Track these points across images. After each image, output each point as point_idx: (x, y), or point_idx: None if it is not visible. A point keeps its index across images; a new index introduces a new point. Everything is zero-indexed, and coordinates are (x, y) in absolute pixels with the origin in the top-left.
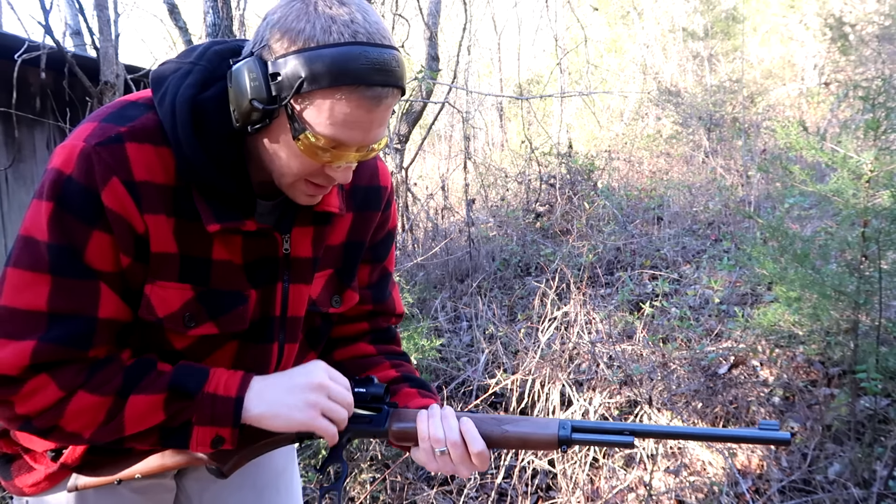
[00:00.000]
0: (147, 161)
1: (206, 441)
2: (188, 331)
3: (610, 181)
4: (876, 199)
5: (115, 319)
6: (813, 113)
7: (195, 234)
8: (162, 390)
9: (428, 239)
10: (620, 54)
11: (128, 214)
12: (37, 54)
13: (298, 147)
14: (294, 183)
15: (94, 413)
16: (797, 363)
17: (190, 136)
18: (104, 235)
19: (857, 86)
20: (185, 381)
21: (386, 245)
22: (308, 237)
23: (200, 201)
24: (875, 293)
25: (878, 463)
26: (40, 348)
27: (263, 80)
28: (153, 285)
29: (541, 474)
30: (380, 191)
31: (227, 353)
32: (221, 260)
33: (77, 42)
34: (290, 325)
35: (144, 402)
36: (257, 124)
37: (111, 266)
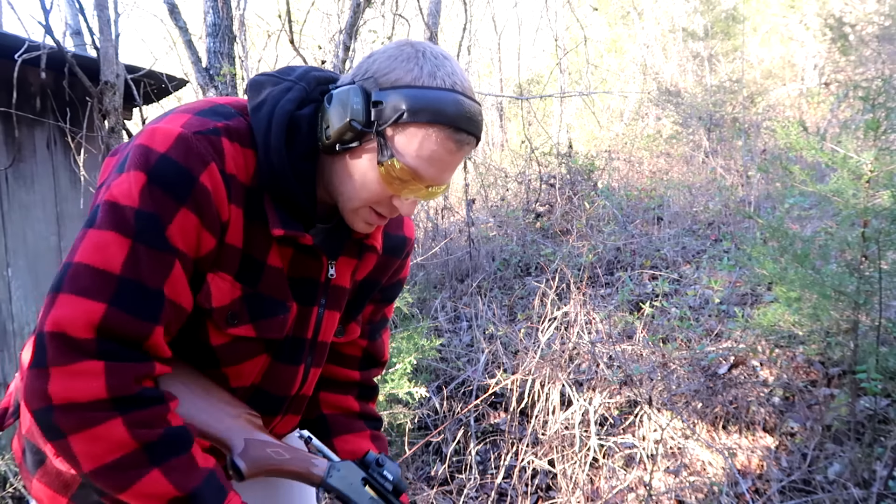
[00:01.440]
0: (238, 159)
1: None
2: (228, 328)
3: (610, 181)
4: (876, 200)
5: (177, 302)
6: (813, 113)
7: (258, 236)
8: (184, 489)
9: (428, 239)
10: (620, 54)
11: (219, 200)
12: (37, 54)
13: (380, 172)
14: (359, 209)
15: (113, 450)
16: (797, 363)
17: (281, 146)
18: (191, 215)
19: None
20: (207, 495)
21: (394, 291)
22: (350, 268)
23: (270, 206)
24: (875, 293)
25: (878, 463)
26: (111, 313)
27: (364, 105)
28: (215, 274)
29: (541, 474)
30: (405, 241)
31: (257, 367)
32: (274, 267)
33: (77, 42)
34: (318, 350)
35: (160, 487)
36: (347, 143)
37: (189, 248)
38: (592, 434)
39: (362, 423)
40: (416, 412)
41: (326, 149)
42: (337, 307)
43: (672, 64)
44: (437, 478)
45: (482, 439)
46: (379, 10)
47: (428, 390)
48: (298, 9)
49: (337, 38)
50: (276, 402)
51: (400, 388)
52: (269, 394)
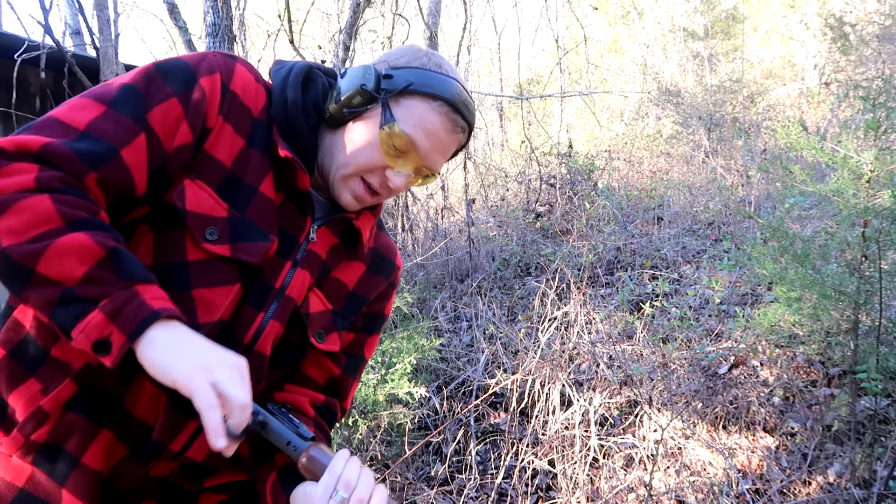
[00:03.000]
0: (246, 83)
1: (92, 335)
2: (204, 242)
3: (610, 181)
4: (876, 199)
5: (128, 168)
6: (813, 113)
7: (255, 164)
8: (105, 247)
9: (428, 239)
10: (620, 54)
11: (210, 105)
12: (36, 54)
13: (380, 136)
14: (349, 177)
15: (36, 222)
16: (797, 363)
17: (297, 83)
18: (179, 106)
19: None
20: (130, 260)
21: (376, 322)
22: (329, 243)
23: (279, 137)
24: (875, 293)
25: (879, 463)
26: (55, 146)
27: (376, 76)
28: (193, 180)
29: (541, 474)
30: (392, 266)
31: (228, 298)
32: (266, 195)
33: (77, 42)
34: (283, 303)
35: (81, 242)
36: (354, 108)
37: (164, 134)
38: (592, 434)
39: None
40: (416, 412)
41: (333, 115)
42: (309, 269)
43: (672, 64)
44: (437, 478)
45: (482, 439)
46: (379, 9)
47: (428, 390)
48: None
49: (337, 38)
50: (232, 345)
51: (400, 388)
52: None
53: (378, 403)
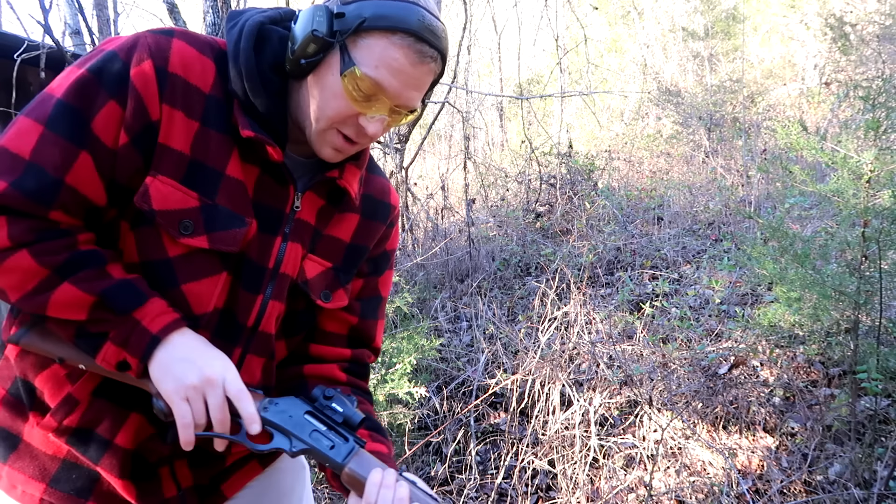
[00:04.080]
0: (187, 60)
1: (112, 361)
2: (181, 237)
3: (610, 181)
4: (876, 199)
5: (79, 191)
6: (813, 113)
7: (216, 145)
8: (93, 292)
9: (428, 239)
10: (621, 54)
11: (147, 96)
12: (36, 54)
13: (343, 85)
14: (325, 131)
15: (27, 278)
16: (797, 363)
17: (249, 49)
18: (117, 108)
19: (858, 86)
20: (119, 295)
21: (382, 262)
22: (316, 206)
23: (240, 113)
24: (875, 293)
25: (879, 463)
26: (9, 192)
27: (327, 17)
28: (154, 178)
29: (541, 474)
30: (388, 207)
31: (217, 286)
32: (234, 178)
33: (76, 41)
34: (279, 282)
35: (72, 295)
36: (311, 58)
37: (111, 140)
38: (592, 434)
39: (348, 389)
40: (416, 412)
41: (293, 68)
42: (300, 241)
43: (672, 64)
44: (437, 478)
45: (482, 439)
46: None
47: (428, 390)
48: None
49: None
50: (236, 329)
51: (400, 388)
52: (232, 319)
53: (378, 403)
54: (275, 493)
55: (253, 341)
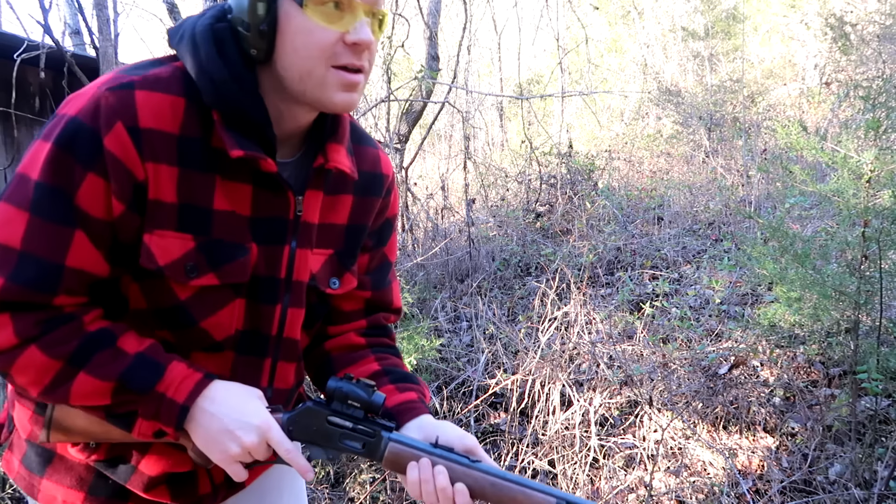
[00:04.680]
0: (156, 109)
1: (148, 433)
2: (189, 280)
3: (610, 181)
4: (876, 199)
5: (83, 270)
6: (813, 113)
7: (197, 183)
8: (111, 378)
9: (428, 239)
10: (621, 54)
11: (129, 160)
12: (36, 54)
13: (309, 16)
14: (324, 77)
15: (42, 373)
16: (798, 363)
17: (214, 56)
18: (99, 180)
19: (858, 85)
20: (137, 375)
21: (385, 231)
22: (318, 202)
23: (224, 130)
24: (876, 293)
25: (879, 463)
26: (8, 287)
27: None
28: (151, 234)
29: (541, 474)
30: (381, 178)
31: (234, 312)
32: (223, 210)
33: (76, 41)
34: (294, 289)
35: (91, 385)
36: (267, 17)
37: (101, 212)
38: (593, 434)
39: (366, 350)
40: None
41: (257, 46)
42: (308, 244)
43: (672, 63)
44: None
45: (482, 439)
46: None
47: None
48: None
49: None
50: (262, 341)
51: None
52: (256, 333)
53: None
54: (278, 475)
55: (281, 349)
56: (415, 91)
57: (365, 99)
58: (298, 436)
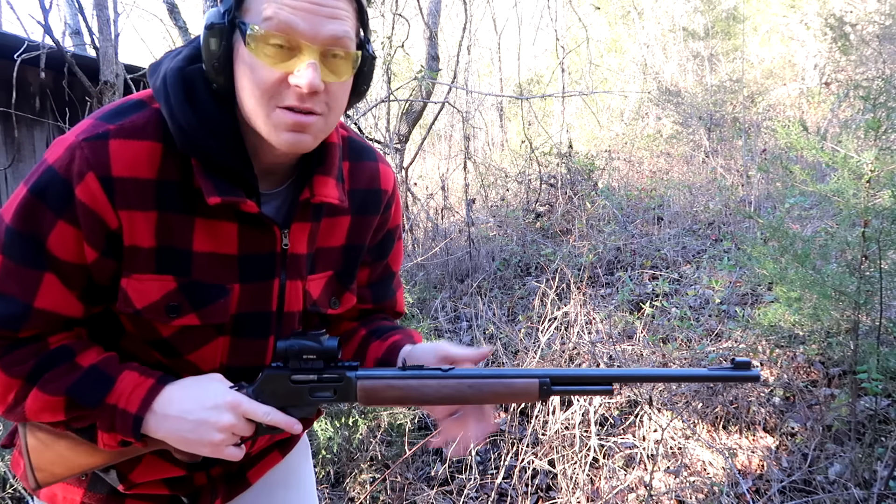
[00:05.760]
0: (130, 157)
1: (112, 444)
2: (171, 321)
3: (610, 181)
4: (876, 199)
5: (50, 311)
6: (813, 113)
7: (177, 226)
8: (59, 393)
9: (428, 239)
10: (621, 54)
11: (100, 210)
12: (36, 54)
13: (254, 54)
14: (269, 116)
15: (4, 392)
16: (797, 363)
17: (182, 103)
18: (69, 227)
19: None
20: (85, 388)
21: (386, 244)
22: (305, 233)
23: (202, 176)
24: (875, 293)
25: (879, 463)
26: None
27: (215, 9)
28: (129, 279)
29: (541, 474)
30: (378, 194)
31: (218, 349)
32: (203, 252)
33: (76, 42)
34: (286, 321)
35: (42, 401)
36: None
37: (73, 257)
38: (593, 434)
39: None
40: (416, 412)
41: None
42: (298, 276)
43: (672, 63)
44: (437, 478)
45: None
46: (379, 9)
47: None
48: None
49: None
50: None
51: None
52: (242, 368)
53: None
54: (284, 470)
55: None
56: (415, 91)
57: (365, 99)
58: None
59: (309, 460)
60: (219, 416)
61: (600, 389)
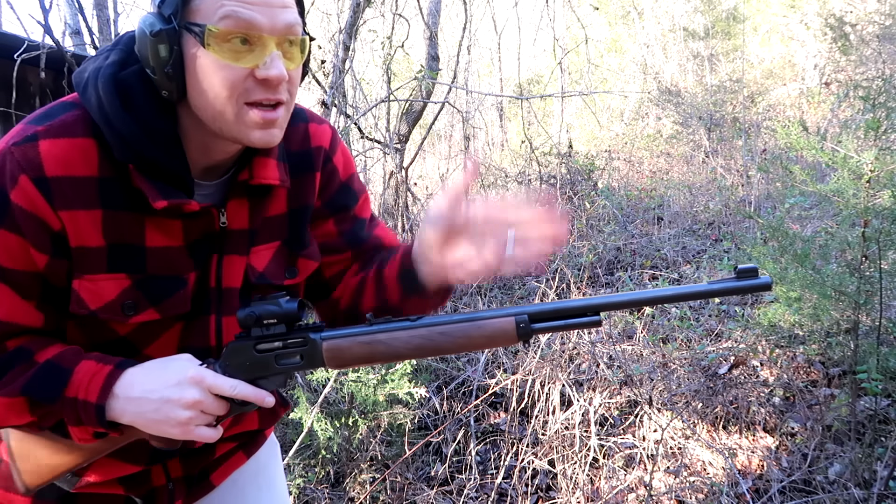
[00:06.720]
0: (63, 156)
1: (86, 436)
2: (128, 319)
3: (610, 181)
4: (876, 199)
5: (7, 322)
6: (813, 113)
7: (126, 222)
8: (16, 393)
9: None
10: (621, 54)
11: (39, 212)
12: (36, 54)
13: (213, 54)
14: (237, 114)
15: None
16: (797, 363)
17: (119, 110)
18: (10, 235)
19: (858, 85)
20: (40, 385)
21: (345, 196)
22: (244, 209)
23: (143, 181)
24: (875, 293)
25: (879, 463)
26: None
27: (155, 14)
28: (80, 280)
29: (541, 474)
30: (311, 153)
31: (173, 336)
32: (156, 247)
33: (76, 42)
34: (225, 297)
35: (4, 403)
36: (170, 59)
37: (21, 265)
38: (592, 434)
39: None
40: (416, 412)
41: (168, 88)
42: (236, 251)
43: (672, 63)
44: (437, 478)
45: (482, 439)
46: (379, 9)
47: (428, 390)
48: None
49: (337, 38)
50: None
51: (400, 388)
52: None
53: (378, 403)
54: (253, 470)
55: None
56: (415, 91)
57: (365, 99)
58: (237, 374)
59: (278, 459)
60: (181, 392)
61: (587, 321)
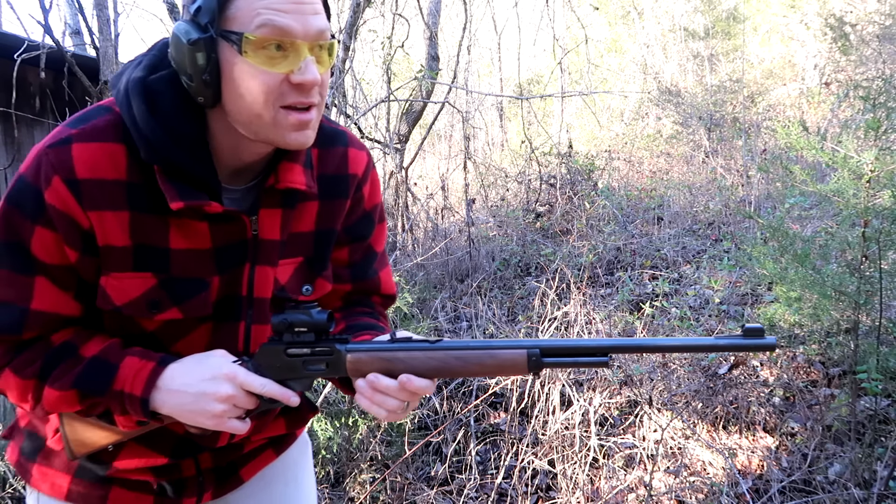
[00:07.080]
0: (92, 160)
1: (130, 425)
2: (153, 316)
3: (610, 181)
4: (876, 199)
5: (48, 312)
6: (813, 113)
7: (151, 224)
8: (67, 387)
9: (428, 239)
10: (621, 54)
11: (70, 211)
12: (36, 54)
13: (250, 61)
14: (274, 118)
15: (23, 393)
16: (797, 363)
17: (145, 114)
18: (46, 231)
19: (858, 86)
20: (90, 379)
21: (365, 226)
22: (276, 219)
23: (164, 182)
24: (875, 293)
25: (879, 463)
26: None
27: (191, 22)
28: (108, 277)
29: (541, 474)
30: (347, 179)
31: (202, 336)
32: (180, 249)
33: (76, 42)
34: (257, 306)
35: (55, 396)
36: (207, 67)
37: (57, 259)
38: (592, 434)
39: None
40: (416, 412)
41: (203, 94)
42: (268, 262)
43: (672, 63)
44: (437, 478)
45: (482, 439)
46: (379, 9)
47: None
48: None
49: (336, 38)
50: None
51: None
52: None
53: None
54: (282, 467)
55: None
56: (415, 91)
57: (365, 99)
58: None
59: (309, 458)
60: (217, 387)
61: (595, 361)
